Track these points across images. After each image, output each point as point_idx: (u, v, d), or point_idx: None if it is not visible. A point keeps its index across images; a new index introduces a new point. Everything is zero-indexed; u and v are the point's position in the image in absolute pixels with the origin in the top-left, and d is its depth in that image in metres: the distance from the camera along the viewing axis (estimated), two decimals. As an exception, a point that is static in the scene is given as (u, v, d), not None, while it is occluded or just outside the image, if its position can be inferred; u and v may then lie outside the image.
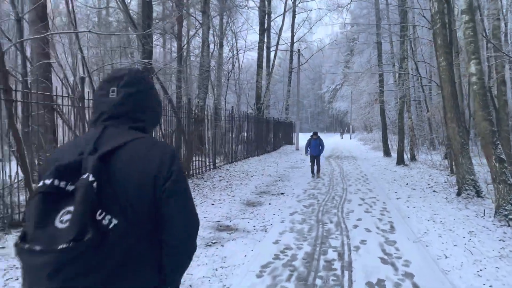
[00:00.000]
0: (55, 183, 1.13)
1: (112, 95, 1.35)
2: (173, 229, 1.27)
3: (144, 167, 1.24)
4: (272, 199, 8.46)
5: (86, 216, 1.08)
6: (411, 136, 17.80)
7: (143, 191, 1.22)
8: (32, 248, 1.07)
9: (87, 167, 1.16)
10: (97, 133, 1.29)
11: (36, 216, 1.10)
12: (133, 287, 1.20)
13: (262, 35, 22.18)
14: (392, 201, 8.41)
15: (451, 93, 8.75)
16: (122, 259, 1.16)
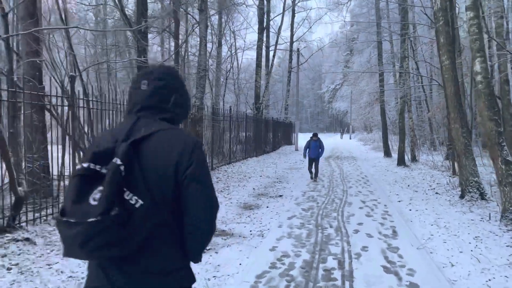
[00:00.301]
0: (91, 167, 1.31)
1: (144, 87, 1.51)
2: (194, 211, 1.40)
3: (167, 155, 1.38)
4: (270, 202, 8.20)
5: (113, 195, 1.23)
6: (411, 137, 17.56)
7: (167, 176, 1.37)
8: (69, 220, 1.24)
9: (117, 153, 1.31)
10: (131, 123, 1.46)
11: (73, 194, 1.28)
12: (156, 263, 1.35)
13: (261, 34, 21.93)
14: (393, 204, 8.16)
15: (455, 92, 8.50)
16: (147, 236, 1.31)
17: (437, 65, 19.69)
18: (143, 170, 1.33)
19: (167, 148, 1.40)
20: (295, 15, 31.84)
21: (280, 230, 5.86)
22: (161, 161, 1.38)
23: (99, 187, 1.27)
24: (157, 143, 1.40)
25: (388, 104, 27.02)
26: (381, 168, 15.51)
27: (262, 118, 21.99)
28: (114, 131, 1.50)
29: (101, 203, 1.23)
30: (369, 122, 47.85)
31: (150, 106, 1.50)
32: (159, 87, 1.52)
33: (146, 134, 1.40)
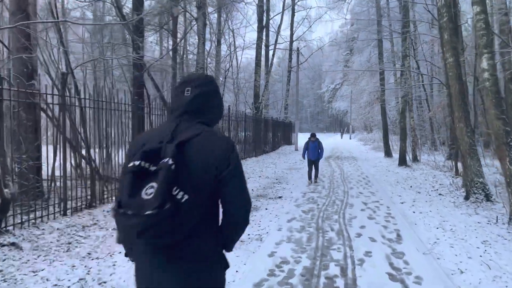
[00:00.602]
0: (142, 164, 1.45)
1: (187, 94, 1.66)
2: (231, 206, 1.59)
3: (209, 155, 1.53)
4: (269, 204, 7.96)
5: (165, 191, 1.38)
6: (413, 137, 17.31)
7: (208, 174, 1.52)
8: (126, 212, 1.39)
9: (167, 153, 1.45)
10: (173, 125, 1.60)
11: (128, 189, 1.42)
12: (197, 250, 1.52)
13: (261, 33, 21.69)
14: (396, 205, 7.91)
15: (459, 91, 8.26)
16: (192, 226, 1.48)
17: (438, 64, 19.49)
18: (188, 168, 1.48)
19: (208, 149, 1.55)
20: (295, 14, 31.66)
21: (280, 233, 5.61)
22: (203, 161, 1.52)
23: (150, 183, 1.41)
24: (199, 145, 1.54)
25: (388, 103, 26.77)
26: (382, 169, 15.26)
27: (262, 118, 21.74)
28: (156, 132, 1.66)
29: (156, 198, 1.36)
30: (369, 122, 47.66)
31: (191, 111, 1.66)
32: (199, 94, 1.67)
33: (190, 136, 1.55)
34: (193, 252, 1.53)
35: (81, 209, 6.58)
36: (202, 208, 1.53)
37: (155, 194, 1.37)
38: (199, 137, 1.56)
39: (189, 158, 1.50)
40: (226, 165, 1.56)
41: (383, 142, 21.34)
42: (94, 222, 6.06)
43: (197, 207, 1.50)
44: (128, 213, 1.39)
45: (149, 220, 1.35)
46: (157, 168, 1.44)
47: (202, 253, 1.55)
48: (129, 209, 1.39)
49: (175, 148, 1.47)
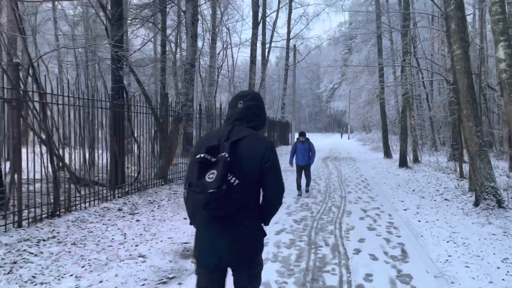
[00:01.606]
0: (206, 156, 2.03)
1: (239, 106, 2.27)
2: (269, 190, 2.16)
3: (254, 151, 2.10)
4: (258, 211, 7.18)
5: (223, 176, 1.94)
6: (413, 137, 16.55)
7: (254, 166, 2.08)
8: (196, 190, 1.99)
9: (224, 148, 2.02)
10: (228, 129, 2.19)
11: (196, 174, 2.01)
12: (243, 220, 2.09)
13: (256, 29, 20.84)
14: (399, 213, 7.13)
15: (468, 86, 7.48)
16: (241, 203, 2.03)
17: (438, 62, 18.74)
18: (239, 160, 2.03)
19: (254, 147, 2.12)
20: (292, 11, 30.88)
21: (265, 250, 4.81)
22: (250, 155, 2.08)
23: (211, 170, 1.98)
24: (247, 144, 2.11)
25: (387, 103, 26.04)
26: (382, 170, 14.49)
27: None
28: (215, 133, 2.25)
29: (216, 181, 1.93)
30: (368, 121, 47.11)
31: (242, 118, 2.24)
32: (249, 106, 2.27)
33: (241, 137, 2.12)
34: (239, 222, 2.07)
35: (41, 219, 5.77)
36: (248, 190, 2.06)
37: (215, 178, 1.94)
38: (248, 138, 2.11)
39: (240, 153, 2.04)
40: (267, 159, 2.09)
41: (383, 142, 20.58)
42: (53, 235, 5.26)
43: (245, 190, 2.03)
44: (197, 191, 1.97)
45: (211, 196, 1.91)
46: (216, 159, 2.00)
47: (246, 224, 2.09)
48: (197, 188, 1.97)
49: (230, 145, 2.02)
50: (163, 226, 5.95)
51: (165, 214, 6.79)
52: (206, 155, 2.02)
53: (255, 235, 2.16)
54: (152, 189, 8.97)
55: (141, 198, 7.93)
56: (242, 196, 2.02)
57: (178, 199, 8.25)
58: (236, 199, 1.97)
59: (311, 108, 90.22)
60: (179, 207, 7.47)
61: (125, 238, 5.33)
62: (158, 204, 7.60)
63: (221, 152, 1.99)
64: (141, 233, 5.56)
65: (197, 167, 2.01)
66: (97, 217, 6.28)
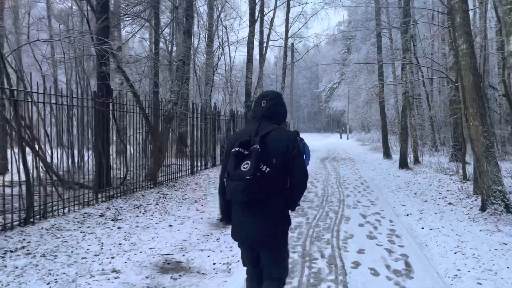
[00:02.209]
0: (240, 150, 2.39)
1: (263, 105, 2.58)
2: (296, 175, 2.43)
3: (280, 143, 2.41)
4: (250, 217, 6.72)
5: (256, 165, 2.28)
6: (414, 137, 16.10)
7: (280, 155, 2.38)
8: (233, 178, 2.33)
9: (254, 142, 2.37)
10: (256, 125, 2.51)
11: (233, 164, 2.36)
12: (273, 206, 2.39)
13: (252, 27, 20.36)
14: (401, 218, 6.67)
15: (473, 83, 7.03)
16: (271, 188, 2.34)
17: (438, 61, 18.29)
18: (268, 151, 2.37)
19: (280, 139, 2.43)
20: (290, 9, 30.42)
21: (254, 262, 4.35)
22: (277, 147, 2.40)
23: (245, 161, 2.34)
24: (274, 137, 2.43)
25: (386, 103, 25.58)
26: (381, 171, 14.03)
27: (253, 117, 20.47)
28: (245, 130, 2.59)
29: (250, 169, 2.28)
30: (367, 121, 46.73)
31: (266, 115, 2.56)
32: (271, 104, 2.59)
33: (267, 131, 2.45)
34: (270, 207, 2.40)
35: (11, 227, 5.30)
36: (277, 177, 2.39)
37: (250, 167, 2.30)
38: (274, 132, 2.46)
39: (268, 145, 2.40)
40: (292, 149, 2.42)
41: (382, 143, 20.13)
42: (22, 246, 4.79)
43: (274, 177, 2.37)
44: (235, 179, 2.32)
45: (247, 182, 2.27)
46: (249, 151, 2.38)
47: (275, 209, 2.42)
48: (235, 176, 2.33)
49: (259, 139, 2.39)
50: (145, 235, 5.47)
51: (150, 220, 6.32)
52: (240, 149, 2.38)
53: (280, 219, 2.45)
54: (140, 192, 8.50)
55: (127, 202, 7.46)
56: (272, 182, 2.35)
57: (167, 203, 7.78)
58: (267, 185, 2.31)
59: (310, 108, 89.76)
60: (166, 212, 7.01)
61: (102, 248, 4.86)
62: (144, 209, 7.13)
63: (252, 145, 2.36)
64: (120, 243, 5.08)
65: (233, 159, 2.37)
66: (75, 224, 5.81)
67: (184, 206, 7.62)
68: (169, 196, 8.43)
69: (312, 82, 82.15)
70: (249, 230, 2.42)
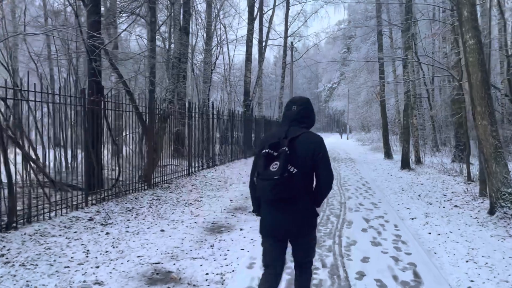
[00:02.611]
0: (269, 151, 2.52)
1: (293, 109, 2.74)
2: (322, 177, 2.60)
3: (308, 146, 2.57)
4: (247, 221, 6.37)
5: (284, 166, 2.42)
6: (415, 137, 15.77)
7: (308, 158, 2.55)
8: (263, 177, 2.48)
9: (283, 144, 2.50)
10: (286, 129, 2.66)
11: (263, 165, 2.49)
12: (300, 204, 2.58)
13: (251, 25, 20.07)
14: (406, 223, 6.34)
15: (482, 80, 6.70)
16: (298, 188, 2.49)
17: (439, 61, 17.93)
18: (297, 154, 2.51)
19: (308, 142, 2.59)
20: (290, 8, 30.10)
21: (250, 273, 4.01)
22: (305, 149, 2.55)
23: (274, 162, 2.47)
24: (302, 140, 2.58)
25: (387, 102, 25.24)
26: (383, 172, 13.71)
27: (252, 117, 20.14)
28: (275, 133, 2.72)
29: (279, 170, 2.41)
30: (367, 121, 46.48)
31: (296, 120, 2.71)
32: (301, 109, 2.74)
33: (297, 135, 2.59)
34: (297, 205, 2.57)
35: (-8, 233, 4.96)
36: (304, 178, 2.55)
37: (278, 168, 2.43)
38: (302, 135, 2.60)
39: (296, 148, 2.54)
40: (318, 152, 2.57)
41: (383, 143, 19.80)
42: (1, 253, 4.45)
43: (301, 177, 2.52)
44: (265, 178, 2.47)
45: (276, 182, 2.41)
46: (278, 153, 2.50)
47: (303, 206, 2.60)
48: (265, 176, 2.47)
49: (288, 142, 2.53)
50: (134, 241, 5.14)
51: (141, 225, 5.99)
52: (269, 150, 2.52)
53: (309, 215, 2.64)
54: (134, 194, 8.16)
55: (119, 205, 7.12)
56: (299, 182, 2.49)
57: (161, 205, 7.45)
58: (295, 185, 2.46)
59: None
60: (159, 215, 6.67)
61: (87, 256, 4.53)
62: (136, 212, 6.80)
63: (281, 147, 2.49)
64: (107, 250, 4.75)
65: (263, 159, 2.51)
66: (62, 229, 5.47)
67: (178, 209, 7.28)
68: (163, 199, 8.09)
69: (312, 82, 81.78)
70: (281, 224, 2.60)
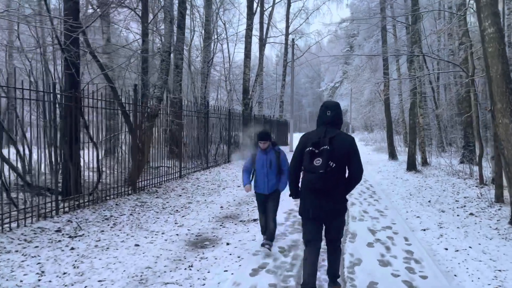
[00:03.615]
0: (312, 149, 3.12)
1: (328, 114, 3.31)
2: (353, 170, 3.22)
3: (344, 144, 3.16)
4: (236, 233, 5.61)
5: (326, 162, 3.03)
6: (422, 137, 14.98)
7: (344, 154, 3.13)
8: (309, 171, 3.15)
9: (324, 143, 3.08)
10: (323, 130, 3.24)
11: (308, 160, 3.12)
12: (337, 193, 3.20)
13: (250, 20, 19.29)
14: (417, 235, 5.57)
15: (503, 73, 5.92)
16: (336, 179, 3.11)
17: (445, 58, 17.13)
18: (335, 151, 3.09)
19: (343, 141, 3.20)
20: (291, 4, 29.34)
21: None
22: (341, 147, 3.15)
23: (317, 158, 3.06)
24: (339, 139, 3.18)
25: (391, 101, 24.39)
26: (388, 174, 12.92)
27: (251, 116, 19.36)
28: (314, 133, 3.32)
29: (322, 165, 3.02)
30: (370, 121, 45.71)
31: (331, 122, 3.30)
32: (334, 114, 3.33)
33: (334, 135, 3.19)
34: (335, 193, 3.20)
35: None
36: (339, 171, 3.16)
37: (321, 163, 3.04)
38: (338, 135, 3.21)
39: (335, 146, 3.12)
40: (352, 149, 3.21)
41: (387, 143, 19.00)
42: None
43: (339, 171, 3.14)
44: (311, 171, 3.10)
45: (321, 175, 3.04)
46: (320, 150, 3.10)
47: (337, 194, 3.23)
48: (311, 170, 3.09)
49: (328, 140, 3.12)
50: (101, 259, 4.38)
51: (115, 237, 5.24)
52: (312, 148, 3.16)
53: (342, 201, 3.31)
54: (116, 199, 7.43)
55: (96, 213, 6.39)
56: (337, 174, 3.15)
57: (144, 213, 6.71)
58: (334, 177, 3.12)
59: (312, 107, 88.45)
60: (139, 225, 5.93)
61: (40, 280, 3.78)
62: (114, 221, 6.06)
63: (322, 146, 3.13)
64: (66, 271, 4.00)
65: (308, 156, 3.16)
66: (21, 244, 4.73)
67: (162, 217, 6.54)
68: (148, 205, 7.35)
69: (314, 81, 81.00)
70: (323, 208, 3.21)
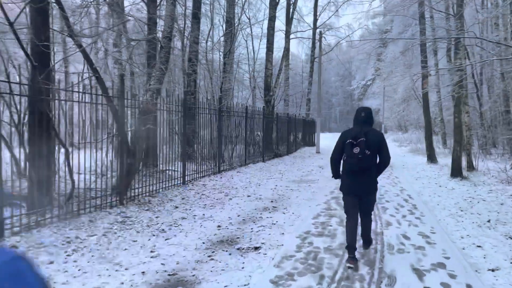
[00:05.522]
0: (352, 140, 4.34)
1: (362, 115, 4.49)
2: (383, 157, 4.43)
3: (376, 137, 4.38)
4: (224, 271, 4.09)
5: (363, 150, 4.27)
6: (467, 137, 12.99)
7: (375, 144, 4.34)
8: (350, 156, 4.35)
9: (361, 136, 4.30)
10: (360, 127, 4.42)
11: (349, 149, 4.33)
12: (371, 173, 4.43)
13: (273, 10, 17.74)
14: (484, 278, 3.86)
15: None
16: (370, 163, 4.34)
17: (488, 50, 15.01)
18: (368, 142, 4.25)
19: (375, 135, 4.37)
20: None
21: None
22: (373, 139, 4.30)
23: (355, 147, 4.26)
24: (372, 134, 4.34)
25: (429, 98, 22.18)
26: (429, 182, 11.05)
27: (274, 114, 17.81)
28: (354, 129, 4.42)
29: (360, 152, 4.23)
30: (404, 120, 43.28)
31: (365, 121, 4.42)
32: (367, 114, 4.49)
33: (368, 130, 4.36)
34: (369, 174, 4.34)
35: None
36: (373, 157, 4.27)
37: (360, 151, 4.22)
38: (371, 131, 4.36)
39: (369, 138, 4.25)
40: (381, 141, 4.34)
41: (426, 144, 17.00)
42: None
43: (372, 156, 4.27)
44: (352, 157, 4.28)
45: (359, 160, 4.23)
46: (358, 142, 4.24)
47: (371, 175, 4.37)
48: (352, 155, 4.26)
49: (364, 134, 4.26)
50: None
51: (58, 276, 3.84)
52: (352, 140, 4.26)
53: (374, 181, 4.44)
54: (92, 214, 6.08)
55: (57, 233, 5.05)
56: (371, 159, 4.25)
57: (120, 233, 5.34)
58: (369, 161, 4.24)
59: (342, 106, 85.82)
60: (102, 255, 4.51)
61: None
62: (75, 247, 4.70)
63: (359, 138, 4.23)
64: None
65: (349, 146, 4.26)
66: None
67: (140, 239, 5.12)
68: (131, 221, 5.96)
69: (345, 80, 78.52)
70: (360, 186, 4.38)
